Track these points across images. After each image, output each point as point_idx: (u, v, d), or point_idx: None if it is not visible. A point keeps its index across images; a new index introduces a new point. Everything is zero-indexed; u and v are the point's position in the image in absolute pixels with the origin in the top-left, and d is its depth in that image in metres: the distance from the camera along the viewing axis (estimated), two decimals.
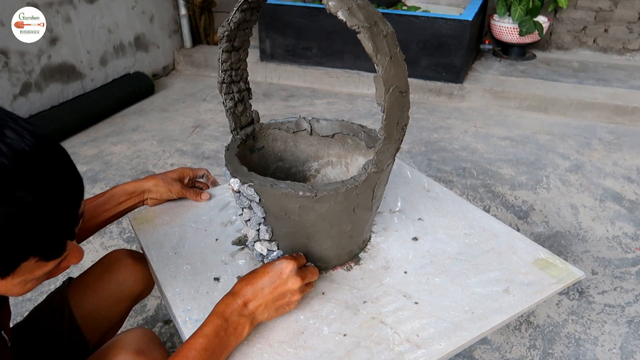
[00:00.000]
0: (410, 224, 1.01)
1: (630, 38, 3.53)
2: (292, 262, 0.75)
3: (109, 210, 0.96)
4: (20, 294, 0.61)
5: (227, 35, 0.83)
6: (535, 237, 1.86)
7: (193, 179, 1.10)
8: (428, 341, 0.74)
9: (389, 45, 0.67)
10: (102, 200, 0.96)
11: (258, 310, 0.73)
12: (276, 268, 0.75)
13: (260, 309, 0.73)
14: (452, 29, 3.00)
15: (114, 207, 0.97)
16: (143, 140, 2.67)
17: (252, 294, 0.73)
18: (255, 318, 0.73)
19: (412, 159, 2.47)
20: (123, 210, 0.99)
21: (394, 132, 0.72)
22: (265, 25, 3.42)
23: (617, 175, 2.34)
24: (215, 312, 0.71)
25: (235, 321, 0.71)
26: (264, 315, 0.74)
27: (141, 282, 1.01)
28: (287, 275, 0.74)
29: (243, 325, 0.71)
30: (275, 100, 3.24)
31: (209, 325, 0.69)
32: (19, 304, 1.53)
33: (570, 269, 0.88)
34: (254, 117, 0.99)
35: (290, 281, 0.74)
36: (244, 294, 0.73)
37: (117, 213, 0.98)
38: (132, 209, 1.01)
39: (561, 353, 1.40)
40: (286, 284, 0.74)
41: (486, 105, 3.14)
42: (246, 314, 0.72)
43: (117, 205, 0.97)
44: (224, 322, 0.70)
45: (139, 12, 3.35)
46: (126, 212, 1.01)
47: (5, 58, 2.46)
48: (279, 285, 0.74)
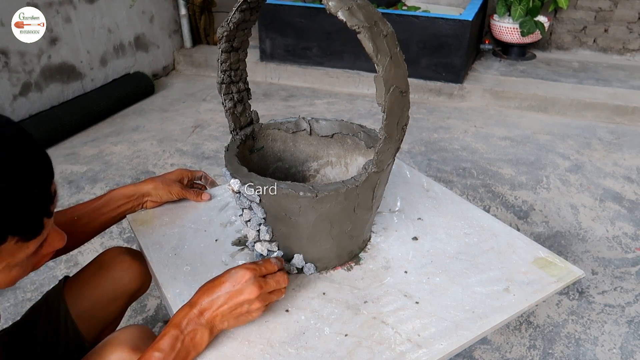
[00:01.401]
0: (410, 224, 1.01)
1: (630, 38, 3.53)
2: (249, 271, 0.72)
3: (106, 213, 0.96)
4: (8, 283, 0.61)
5: (227, 35, 0.83)
6: (535, 237, 1.86)
7: (191, 180, 1.09)
8: (429, 341, 0.74)
9: (389, 45, 0.67)
10: (100, 204, 0.96)
11: (215, 319, 0.71)
12: (233, 277, 0.72)
13: (217, 318, 0.71)
14: (452, 29, 3.00)
15: (112, 211, 0.96)
16: (143, 140, 2.67)
17: (209, 303, 0.71)
18: (214, 326, 0.71)
19: (412, 159, 2.47)
20: (121, 214, 0.99)
21: (394, 132, 0.72)
22: (265, 25, 3.42)
23: (617, 175, 2.34)
24: (171, 323, 0.70)
25: (192, 330, 0.69)
26: (224, 325, 0.72)
27: (137, 279, 1.00)
28: (242, 285, 0.71)
29: (201, 334, 0.70)
30: (275, 100, 3.24)
31: (165, 337, 0.68)
32: (19, 304, 1.53)
33: (570, 267, 0.88)
34: (254, 117, 0.99)
35: (246, 291, 0.71)
36: (200, 303, 0.71)
37: (115, 216, 0.98)
38: (131, 212, 1.01)
39: (561, 353, 1.40)
40: (242, 293, 0.71)
41: (486, 105, 3.14)
42: (203, 323, 0.70)
43: (116, 208, 0.97)
44: (179, 333, 0.68)
45: (139, 12, 3.35)
46: (125, 216, 1.00)
47: (5, 58, 2.46)
48: (234, 295, 0.71)
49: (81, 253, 1.73)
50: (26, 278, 1.62)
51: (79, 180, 2.21)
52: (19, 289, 1.59)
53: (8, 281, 0.60)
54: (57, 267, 1.69)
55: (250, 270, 0.72)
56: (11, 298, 1.56)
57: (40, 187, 0.56)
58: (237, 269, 0.73)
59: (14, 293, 1.58)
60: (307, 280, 0.86)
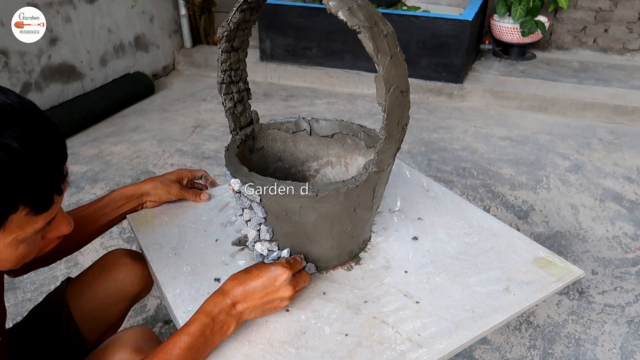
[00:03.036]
0: (410, 224, 1.01)
1: (630, 38, 3.53)
2: (287, 271, 0.75)
3: (107, 214, 0.97)
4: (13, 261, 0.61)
5: (227, 35, 0.83)
6: (536, 237, 1.86)
7: (191, 180, 1.10)
8: (429, 340, 0.74)
9: (389, 45, 0.67)
10: (101, 205, 0.96)
11: (246, 311, 0.73)
12: (271, 274, 0.74)
13: (248, 310, 0.73)
14: (452, 29, 3.00)
15: (112, 211, 0.97)
16: (143, 140, 2.67)
17: (243, 295, 0.72)
18: (242, 318, 0.73)
19: (412, 159, 2.47)
20: (122, 214, 0.99)
21: (394, 132, 0.72)
22: (265, 25, 3.42)
23: (617, 175, 2.34)
24: (203, 310, 0.71)
25: (222, 320, 0.71)
26: (251, 316, 0.74)
27: (139, 281, 1.00)
28: (280, 283, 0.74)
29: (229, 324, 0.72)
30: (275, 100, 3.24)
31: (196, 323, 0.69)
32: (19, 304, 1.53)
33: (569, 267, 0.88)
34: (254, 117, 0.99)
35: (282, 289, 0.74)
36: (234, 294, 0.72)
37: (116, 217, 0.98)
38: (132, 212, 1.01)
39: (561, 353, 1.40)
40: (278, 291, 0.74)
41: (486, 105, 3.14)
42: (234, 314, 0.72)
43: (116, 209, 0.97)
44: (210, 321, 0.69)
45: (139, 12, 3.35)
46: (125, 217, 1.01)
47: (5, 58, 2.46)
48: (270, 292, 0.73)
49: (81, 253, 1.73)
50: (26, 278, 1.62)
51: (79, 180, 2.21)
52: (19, 289, 1.59)
53: (13, 258, 0.61)
54: (57, 267, 1.69)
55: (289, 269, 0.75)
56: (11, 298, 1.56)
57: (55, 164, 0.58)
58: (275, 265, 0.75)
59: (14, 293, 1.58)
60: None
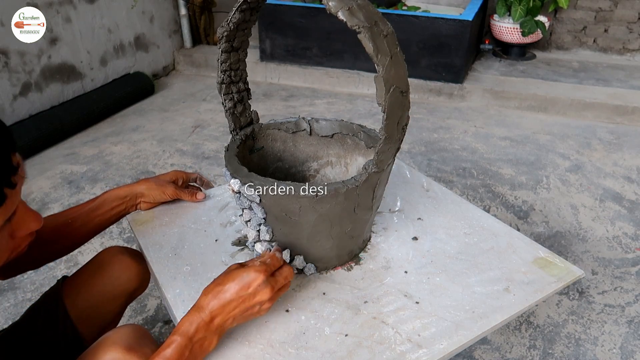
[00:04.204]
0: (409, 224, 1.01)
1: (630, 38, 3.53)
2: (260, 275, 0.70)
3: (101, 215, 0.95)
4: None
5: (227, 35, 0.83)
6: (535, 237, 1.86)
7: (186, 182, 1.09)
8: (429, 341, 0.74)
9: (389, 45, 0.67)
10: (94, 206, 0.95)
11: (226, 323, 0.70)
12: (243, 281, 0.70)
13: (228, 322, 0.70)
14: (452, 29, 3.00)
15: (106, 212, 0.96)
16: (143, 140, 2.67)
17: (219, 308, 0.69)
18: (223, 330, 0.71)
19: (412, 159, 2.47)
20: (116, 215, 0.98)
21: (394, 132, 0.72)
22: (265, 25, 3.42)
23: (617, 175, 2.34)
24: (179, 330, 0.67)
25: (202, 337, 0.68)
26: (233, 325, 0.72)
27: (135, 278, 1.00)
28: (254, 288, 0.70)
29: (210, 340, 0.69)
30: (275, 100, 3.24)
31: (172, 346, 0.66)
32: (18, 304, 1.53)
33: (569, 267, 0.88)
34: (254, 117, 0.99)
35: (259, 294, 0.70)
36: (210, 308, 0.68)
37: (109, 218, 0.97)
38: (125, 213, 1.00)
39: (561, 353, 1.40)
40: (255, 296, 0.70)
41: (486, 105, 3.14)
42: (213, 329, 0.69)
43: (109, 210, 0.96)
44: (188, 342, 0.66)
45: (139, 12, 3.35)
46: (120, 218, 1.00)
47: (5, 58, 2.46)
48: (247, 299, 0.70)
49: (81, 253, 1.73)
50: (26, 278, 1.62)
51: (79, 180, 2.21)
52: (19, 289, 1.59)
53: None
54: (57, 267, 1.69)
55: (262, 272, 0.71)
56: (11, 298, 1.56)
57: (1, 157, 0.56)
58: (247, 271, 0.71)
59: (14, 293, 1.58)
60: (307, 280, 0.86)
